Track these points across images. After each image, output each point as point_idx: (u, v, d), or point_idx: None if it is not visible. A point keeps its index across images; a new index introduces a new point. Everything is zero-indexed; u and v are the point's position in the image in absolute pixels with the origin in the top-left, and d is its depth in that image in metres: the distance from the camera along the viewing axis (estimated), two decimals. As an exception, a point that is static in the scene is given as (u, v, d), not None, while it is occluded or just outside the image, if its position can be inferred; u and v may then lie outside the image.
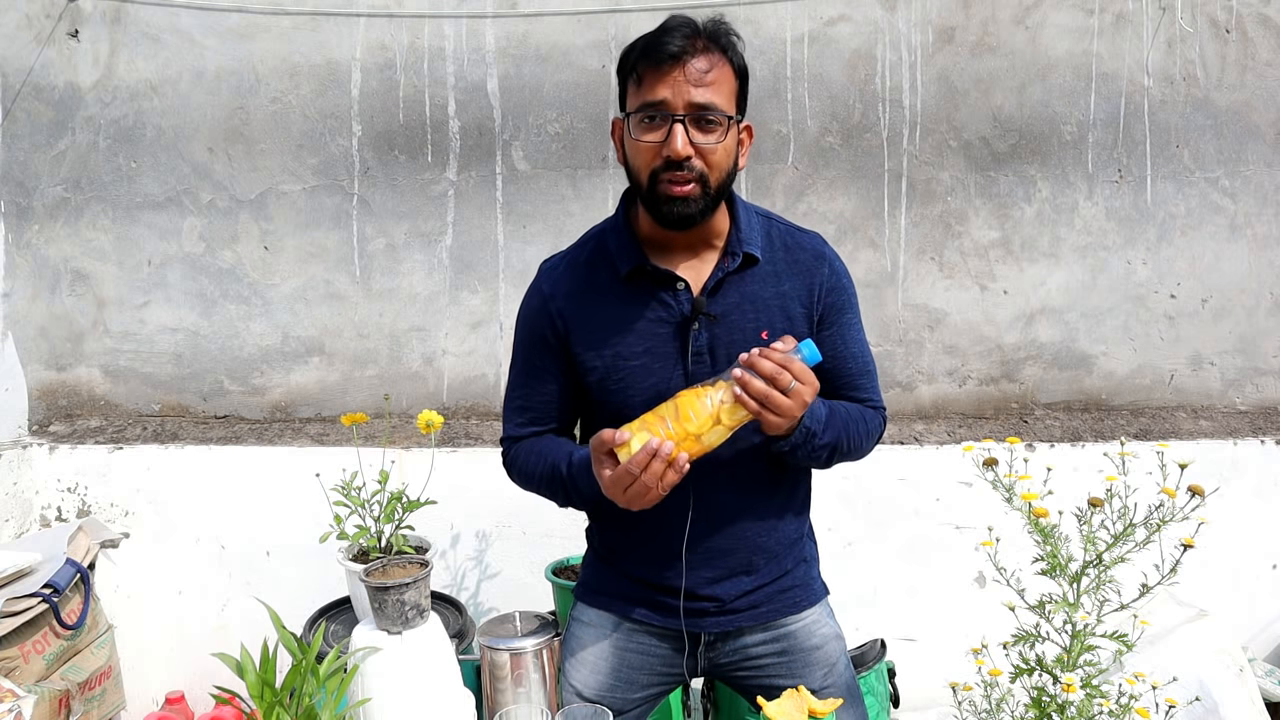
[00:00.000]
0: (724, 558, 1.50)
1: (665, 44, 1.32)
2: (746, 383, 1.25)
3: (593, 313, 1.47)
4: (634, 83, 1.38)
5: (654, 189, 1.37)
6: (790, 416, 1.28)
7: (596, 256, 1.50)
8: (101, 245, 2.86)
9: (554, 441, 1.53)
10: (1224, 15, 2.71)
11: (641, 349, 1.43)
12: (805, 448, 1.39)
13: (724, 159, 1.37)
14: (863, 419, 1.50)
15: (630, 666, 1.56)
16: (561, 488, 1.48)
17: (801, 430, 1.35)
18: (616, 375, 1.44)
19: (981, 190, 2.76)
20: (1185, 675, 1.96)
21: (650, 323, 1.44)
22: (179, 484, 2.68)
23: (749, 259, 1.44)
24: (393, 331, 2.84)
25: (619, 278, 1.45)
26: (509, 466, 1.59)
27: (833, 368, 1.50)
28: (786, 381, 1.25)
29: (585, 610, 1.61)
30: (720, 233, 1.47)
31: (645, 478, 1.25)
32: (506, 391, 1.59)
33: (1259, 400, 2.84)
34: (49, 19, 2.78)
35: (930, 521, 2.60)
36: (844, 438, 1.44)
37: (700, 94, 1.32)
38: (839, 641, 1.59)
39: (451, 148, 2.78)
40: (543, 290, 1.51)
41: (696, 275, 1.45)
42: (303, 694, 1.30)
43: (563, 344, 1.49)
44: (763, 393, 1.25)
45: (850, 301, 1.53)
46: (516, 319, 1.57)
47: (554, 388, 1.53)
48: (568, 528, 2.46)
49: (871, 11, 2.70)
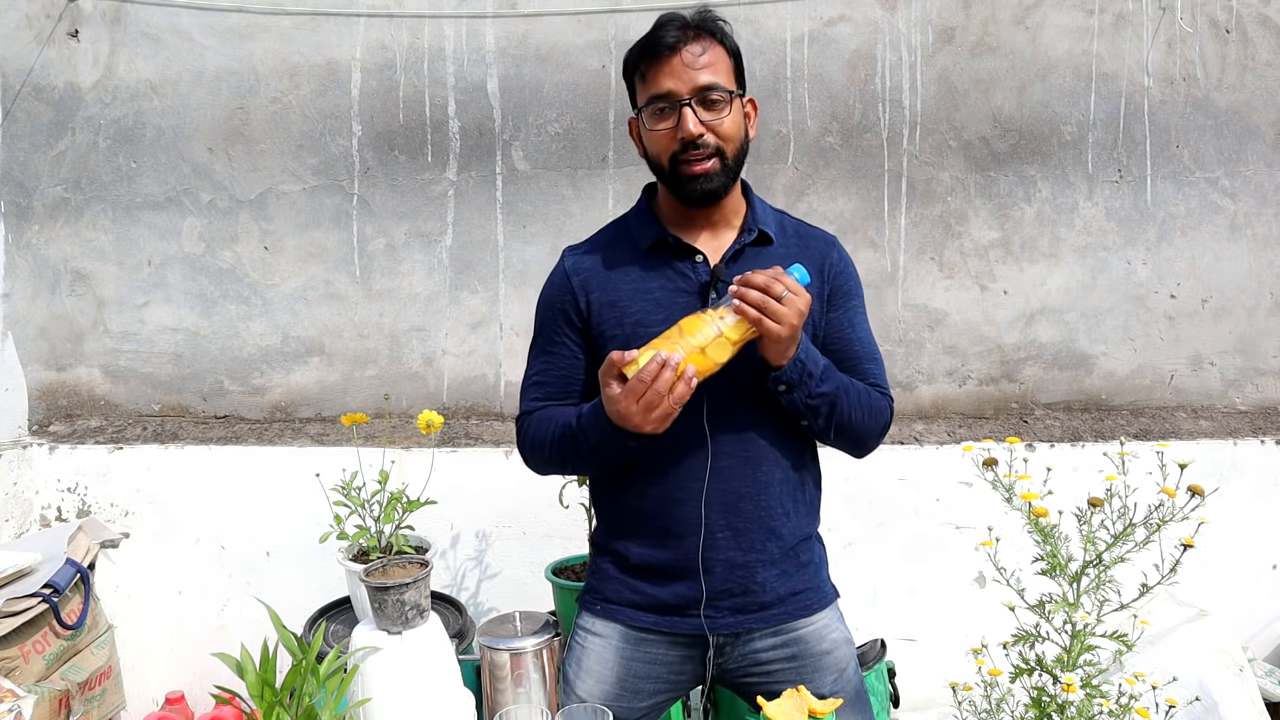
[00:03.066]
0: (736, 542, 1.49)
1: (661, 38, 1.44)
2: (744, 294, 1.33)
3: (614, 284, 1.53)
4: (639, 80, 1.49)
5: (675, 171, 1.46)
6: (787, 323, 1.33)
7: (618, 237, 1.59)
8: (101, 245, 2.86)
9: (566, 409, 1.55)
10: (1224, 15, 2.71)
11: (661, 317, 1.47)
12: (802, 388, 1.41)
13: (735, 130, 1.47)
14: (867, 393, 1.52)
15: (637, 676, 1.56)
16: (573, 443, 1.48)
17: (797, 365, 1.39)
18: (636, 343, 1.45)
19: (981, 190, 2.76)
20: (1185, 675, 1.96)
21: (670, 292, 1.50)
22: (179, 484, 2.68)
23: (764, 237, 1.53)
24: (393, 331, 2.84)
25: (640, 252, 1.53)
26: (521, 441, 1.60)
27: (839, 349, 1.54)
28: (779, 290, 1.33)
29: (592, 620, 1.60)
30: (738, 211, 1.56)
31: (657, 385, 1.31)
32: (525, 373, 1.63)
33: (1259, 400, 2.84)
34: (49, 19, 2.78)
35: (930, 521, 2.60)
36: (844, 399, 1.46)
37: (701, 76, 1.43)
38: (849, 646, 1.58)
39: (451, 148, 2.78)
40: (565, 267, 1.59)
41: (715, 249, 1.53)
42: (303, 694, 1.30)
43: (583, 317, 1.54)
44: (759, 300, 1.32)
45: (856, 290, 1.60)
46: (538, 301, 1.61)
47: (571, 361, 1.56)
48: (568, 528, 2.46)
49: (871, 11, 2.70)
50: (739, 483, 1.49)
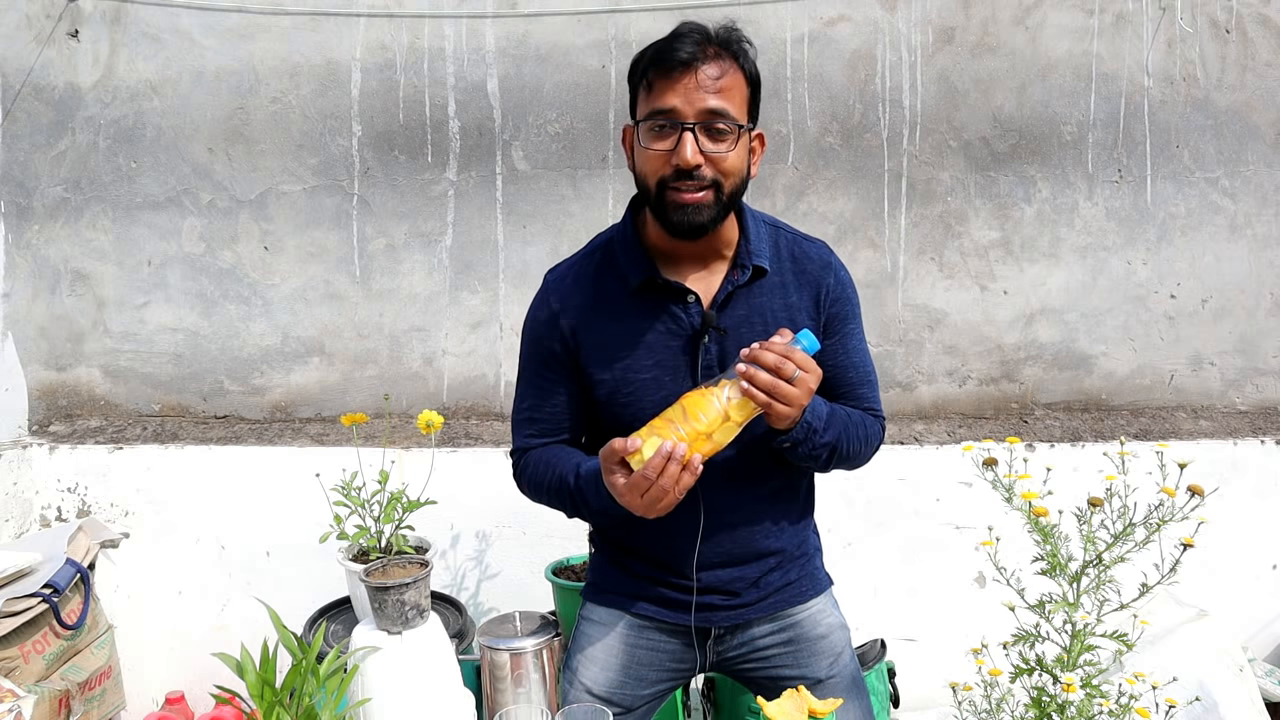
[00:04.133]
0: (732, 552, 1.51)
1: (676, 50, 1.32)
2: (753, 376, 1.25)
3: (602, 326, 1.47)
4: (644, 89, 1.37)
5: (662, 197, 1.36)
6: (798, 405, 1.29)
7: (604, 268, 1.49)
8: (101, 245, 2.86)
9: (563, 451, 1.53)
10: (1224, 15, 2.71)
11: (652, 362, 1.44)
12: (807, 444, 1.39)
13: (736, 166, 1.37)
14: (863, 424, 1.51)
15: (640, 663, 1.57)
16: (570, 499, 1.47)
17: (804, 425, 1.36)
18: (626, 389, 1.45)
19: (981, 190, 2.76)
20: (1185, 675, 1.96)
21: (660, 336, 1.44)
22: (179, 484, 2.68)
23: (758, 271, 1.45)
24: (393, 331, 2.84)
25: (629, 291, 1.45)
26: (519, 478, 1.59)
27: (833, 376, 1.51)
28: (790, 371, 1.26)
29: (595, 609, 1.61)
30: (730, 242, 1.46)
31: (662, 481, 1.25)
32: (515, 403, 1.59)
33: (1259, 400, 2.84)
34: (49, 19, 2.78)
35: (930, 521, 2.60)
36: (844, 439, 1.45)
37: (711, 100, 1.32)
38: (844, 631, 1.60)
39: (451, 148, 2.78)
40: (550, 304, 1.50)
41: (706, 287, 1.45)
42: (303, 694, 1.30)
43: (572, 358, 1.49)
44: (769, 384, 1.26)
45: (853, 311, 1.54)
46: (523, 330, 1.56)
47: (563, 399, 1.53)
48: (568, 528, 2.46)
49: (871, 11, 2.70)
50: (733, 515, 1.50)
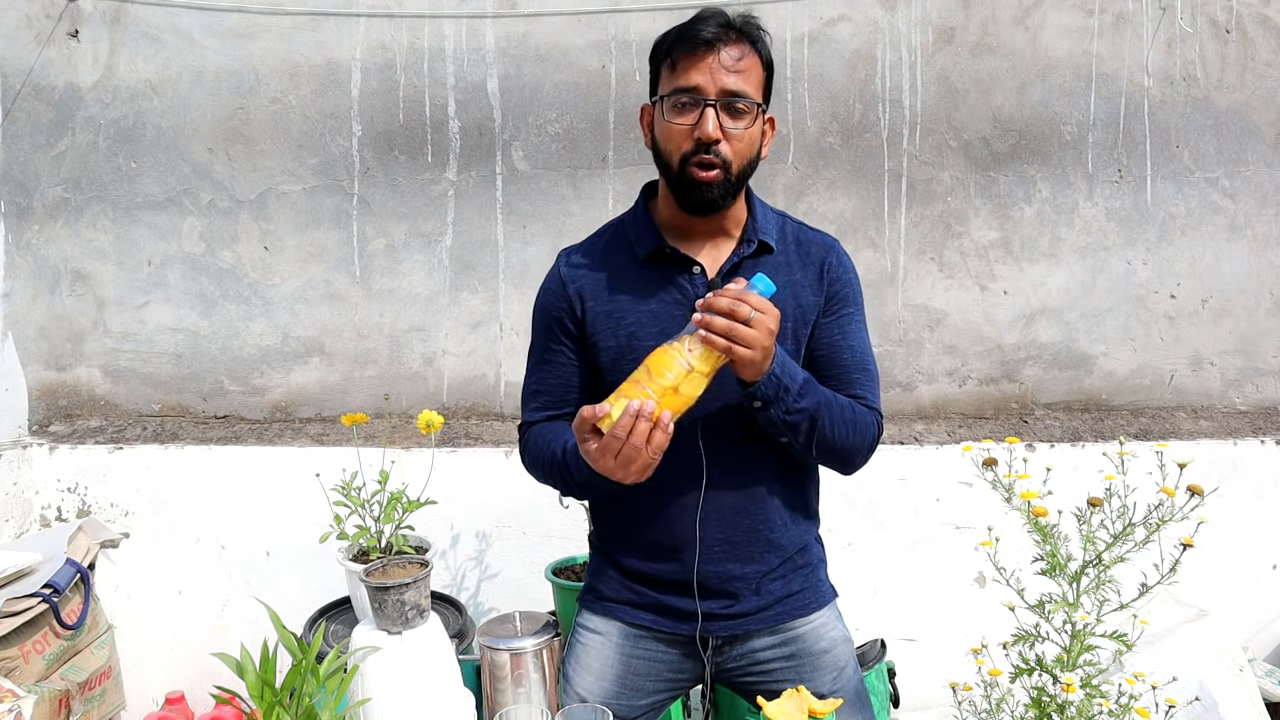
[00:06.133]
0: (733, 539, 1.49)
1: (700, 31, 1.38)
2: (708, 322, 1.26)
3: (609, 293, 1.50)
4: (668, 68, 1.43)
5: (683, 172, 1.41)
6: (758, 345, 1.27)
7: (614, 242, 1.55)
8: (101, 245, 2.86)
9: (561, 428, 1.53)
10: (1224, 15, 2.71)
11: (656, 330, 1.45)
12: (779, 404, 1.36)
13: (749, 146, 1.43)
14: (851, 408, 1.45)
15: (637, 673, 1.56)
16: (561, 474, 1.48)
17: (772, 379, 1.33)
18: (630, 355, 1.45)
19: (981, 190, 2.76)
20: (1185, 675, 1.96)
21: (665, 304, 1.47)
22: (179, 484, 2.68)
23: (764, 247, 1.49)
24: (393, 331, 2.84)
25: (637, 260, 1.49)
26: (523, 454, 1.60)
27: (826, 357, 1.49)
28: (746, 312, 1.26)
29: (591, 618, 1.60)
30: (738, 221, 1.51)
31: (633, 440, 1.24)
32: (524, 379, 1.61)
33: (1259, 400, 2.84)
34: (49, 19, 2.78)
35: (930, 521, 2.60)
36: (824, 414, 1.40)
37: (732, 80, 1.38)
38: (847, 645, 1.58)
39: (451, 148, 2.78)
40: (560, 273, 1.55)
41: (713, 260, 1.49)
42: (303, 694, 1.30)
43: (578, 324, 1.52)
44: (725, 327, 1.26)
45: (853, 295, 1.54)
46: (534, 306, 1.59)
47: (569, 369, 1.54)
48: (568, 528, 2.46)
49: (871, 11, 2.70)
50: (735, 498, 1.48)
